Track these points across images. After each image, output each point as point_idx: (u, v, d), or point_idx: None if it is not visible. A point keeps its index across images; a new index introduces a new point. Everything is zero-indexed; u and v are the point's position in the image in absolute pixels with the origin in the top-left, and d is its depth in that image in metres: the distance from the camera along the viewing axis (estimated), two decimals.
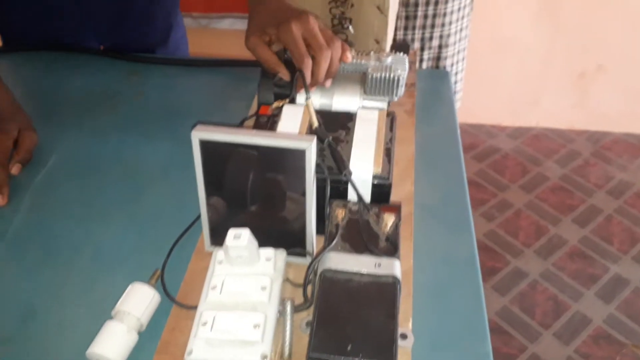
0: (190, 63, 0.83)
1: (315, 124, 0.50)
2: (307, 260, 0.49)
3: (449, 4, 1.16)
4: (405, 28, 1.18)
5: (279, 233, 0.51)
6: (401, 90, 0.60)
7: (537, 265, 1.51)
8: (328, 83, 0.58)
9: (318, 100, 0.60)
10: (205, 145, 0.47)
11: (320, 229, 0.49)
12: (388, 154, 0.50)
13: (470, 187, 1.88)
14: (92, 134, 0.71)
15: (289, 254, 0.49)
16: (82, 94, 0.78)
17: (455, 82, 1.30)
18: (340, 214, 0.45)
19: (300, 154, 0.45)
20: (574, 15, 1.76)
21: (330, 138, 0.50)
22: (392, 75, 0.58)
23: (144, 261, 0.54)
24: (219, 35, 1.72)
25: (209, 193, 0.50)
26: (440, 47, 1.21)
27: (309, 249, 0.48)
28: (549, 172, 1.82)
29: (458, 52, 1.25)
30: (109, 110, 0.75)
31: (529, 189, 1.76)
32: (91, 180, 0.65)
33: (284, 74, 0.59)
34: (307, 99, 0.51)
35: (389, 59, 0.59)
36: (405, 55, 0.61)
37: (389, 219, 0.43)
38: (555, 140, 1.96)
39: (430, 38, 1.19)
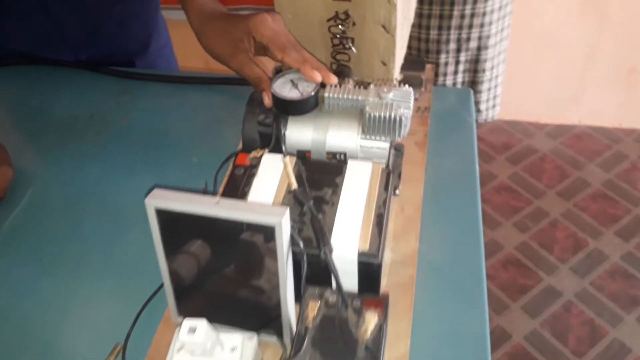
0: (186, 81, 0.76)
1: (294, 185, 0.43)
2: (285, 341, 0.42)
3: (489, 2, 1.04)
4: (440, 28, 1.07)
5: (252, 309, 0.44)
6: (405, 131, 0.51)
7: (573, 284, 1.39)
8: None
9: (310, 134, 0.52)
10: (162, 213, 0.40)
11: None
12: (380, 222, 0.42)
13: (503, 192, 1.76)
14: (73, 164, 0.66)
15: (265, 332, 0.43)
16: (67, 115, 0.72)
17: (496, 86, 1.18)
18: (313, 309, 0.37)
19: (269, 230, 0.38)
20: (622, 7, 1.59)
21: (312, 202, 0.42)
22: (392, 115, 0.49)
23: (113, 322, 0.48)
24: None
25: (170, 263, 0.43)
26: (479, 49, 1.09)
27: (285, 340, 0.40)
28: (591, 176, 1.68)
29: (499, 53, 1.13)
30: (93, 136, 0.69)
31: (567, 195, 1.62)
32: (67, 220, 0.59)
33: (267, 98, 0.52)
34: (284, 156, 0.44)
35: (391, 95, 0.51)
36: (411, 88, 0.52)
37: (371, 320, 0.36)
38: (599, 140, 1.80)
39: (468, 39, 1.07)
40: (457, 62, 1.11)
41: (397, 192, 0.57)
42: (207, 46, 0.61)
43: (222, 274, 0.43)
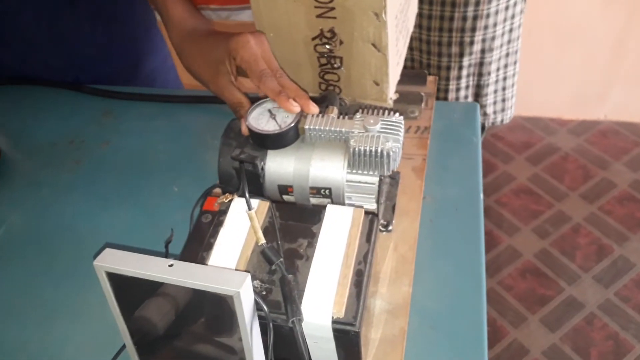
0: (171, 100, 0.72)
1: (262, 241, 0.38)
2: None
3: (493, 3, 0.97)
4: (441, 29, 1.01)
5: None
6: (394, 165, 0.46)
7: (597, 294, 1.31)
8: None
9: (292, 167, 0.47)
10: (114, 276, 0.36)
11: None
12: (359, 282, 0.37)
13: (522, 195, 1.68)
14: (50, 196, 0.62)
15: None
16: (46, 140, 0.69)
17: (504, 89, 1.12)
18: None
19: (227, 299, 0.34)
20: None
21: (282, 259, 0.37)
22: (380, 150, 0.44)
23: None
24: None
25: (130, 324, 0.39)
26: (483, 51, 1.03)
27: None
28: (617, 177, 1.58)
29: (507, 55, 1.06)
30: (72, 164, 0.65)
31: (591, 198, 1.53)
32: (39, 263, 0.56)
33: (244, 126, 0.48)
34: (249, 209, 0.39)
35: (378, 126, 0.45)
36: (401, 117, 0.47)
37: None
38: (626, 137, 1.70)
39: (471, 43, 1.01)
40: (461, 67, 1.05)
41: (391, 227, 0.52)
42: (187, 66, 0.58)
43: (186, 334, 0.39)
